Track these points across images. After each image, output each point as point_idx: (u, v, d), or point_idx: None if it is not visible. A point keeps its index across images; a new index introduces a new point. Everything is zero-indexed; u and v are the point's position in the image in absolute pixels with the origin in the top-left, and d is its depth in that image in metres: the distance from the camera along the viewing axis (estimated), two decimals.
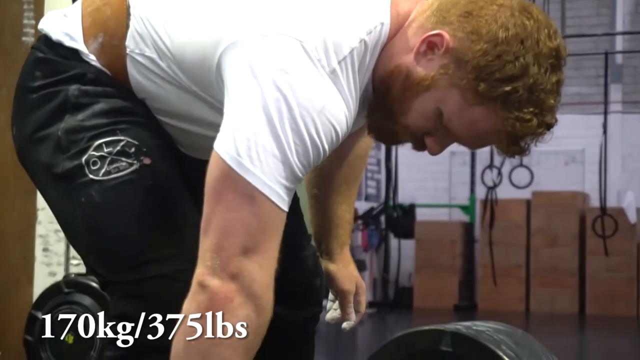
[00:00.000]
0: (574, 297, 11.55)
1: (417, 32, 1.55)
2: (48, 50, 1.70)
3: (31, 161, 1.72)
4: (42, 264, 4.13)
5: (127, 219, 1.60)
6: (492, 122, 1.51)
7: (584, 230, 11.20)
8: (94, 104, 1.64)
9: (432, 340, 2.24)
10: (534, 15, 1.50)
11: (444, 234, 11.77)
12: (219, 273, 1.40)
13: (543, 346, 2.39)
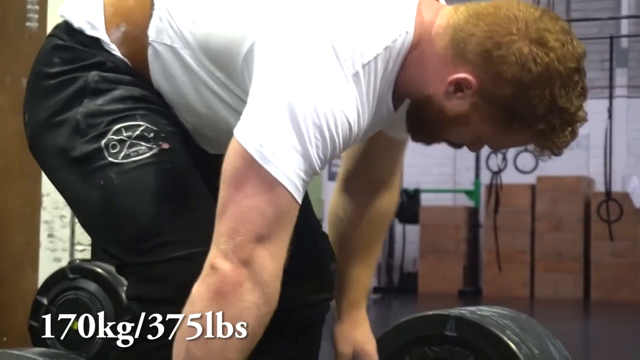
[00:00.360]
0: (578, 282, 11.57)
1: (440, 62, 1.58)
2: (68, 38, 1.71)
3: (45, 146, 1.72)
4: (47, 249, 4.14)
5: (145, 201, 1.62)
6: (529, 141, 1.62)
7: (589, 215, 11.23)
8: (113, 90, 1.66)
9: (437, 325, 2.25)
10: (550, 45, 1.50)
11: (449, 219, 11.78)
12: (231, 257, 1.43)
13: (547, 331, 2.39)
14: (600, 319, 9.59)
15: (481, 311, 2.34)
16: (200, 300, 1.44)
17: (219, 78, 1.63)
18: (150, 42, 1.66)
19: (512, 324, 2.30)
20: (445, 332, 2.24)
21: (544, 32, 1.51)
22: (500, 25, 1.52)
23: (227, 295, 1.43)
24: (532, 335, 2.31)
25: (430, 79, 1.59)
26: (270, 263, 1.46)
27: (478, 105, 1.56)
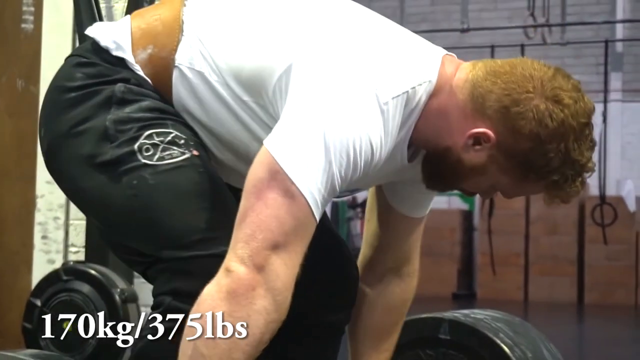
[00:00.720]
0: (573, 285, 11.57)
1: (460, 114, 1.66)
2: (93, 56, 1.75)
3: (65, 156, 1.73)
4: (41, 251, 4.13)
5: (181, 200, 1.65)
6: (542, 190, 1.69)
7: (583, 219, 11.21)
8: (140, 101, 1.70)
9: (430, 328, 2.26)
10: (564, 100, 1.60)
11: (443, 222, 11.76)
12: (247, 262, 1.46)
13: (541, 334, 2.40)
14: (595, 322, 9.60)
15: (475, 314, 2.35)
16: (210, 299, 1.47)
17: (246, 102, 1.67)
18: (176, 65, 1.70)
19: (505, 327, 2.30)
20: (439, 335, 2.24)
21: (559, 91, 1.60)
22: (517, 84, 1.60)
23: (239, 296, 1.46)
24: (526, 338, 2.31)
25: (449, 131, 1.66)
26: (284, 272, 1.49)
27: (496, 158, 1.64)
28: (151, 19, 1.76)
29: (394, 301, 1.99)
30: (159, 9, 1.80)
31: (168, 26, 1.73)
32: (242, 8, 1.74)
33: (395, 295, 1.98)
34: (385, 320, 1.99)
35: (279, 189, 1.48)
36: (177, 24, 1.73)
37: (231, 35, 1.69)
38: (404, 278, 1.99)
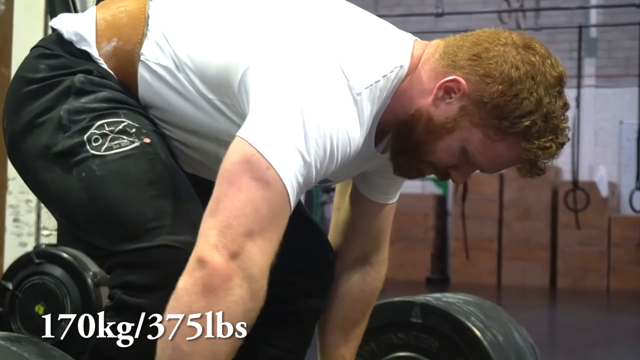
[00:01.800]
0: (545, 270, 11.64)
1: (430, 75, 1.65)
2: (57, 48, 1.74)
3: (26, 149, 1.72)
4: (13, 234, 4.12)
5: (129, 190, 1.62)
6: (515, 153, 1.62)
7: (556, 204, 11.28)
8: (98, 92, 1.68)
9: (402, 311, 2.27)
10: (537, 50, 1.62)
11: (417, 207, 11.80)
12: (221, 250, 1.43)
13: (512, 318, 2.42)
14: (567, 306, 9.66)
15: (447, 298, 2.37)
16: (187, 294, 1.43)
17: (210, 99, 1.65)
18: (142, 60, 1.69)
19: (477, 310, 2.32)
20: (411, 319, 2.26)
21: (530, 41, 1.63)
22: (489, 37, 1.63)
23: (216, 289, 1.42)
24: (497, 322, 2.33)
25: (420, 93, 1.65)
26: (260, 259, 1.45)
27: (467, 109, 1.61)
28: (117, 11, 1.75)
29: (363, 290, 1.98)
30: (124, 1, 1.77)
31: (133, 18, 1.72)
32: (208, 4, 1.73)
33: (364, 283, 1.98)
34: (354, 309, 1.99)
35: (254, 174, 1.45)
36: (142, 17, 1.71)
37: (197, 32, 1.68)
38: (374, 266, 1.99)
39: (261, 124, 1.48)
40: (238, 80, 1.58)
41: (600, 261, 11.33)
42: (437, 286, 10.78)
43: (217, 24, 1.68)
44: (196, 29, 1.68)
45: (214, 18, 1.69)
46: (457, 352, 2.23)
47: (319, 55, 1.56)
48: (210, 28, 1.68)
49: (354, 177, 1.91)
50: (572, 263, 11.43)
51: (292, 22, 1.64)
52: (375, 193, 1.92)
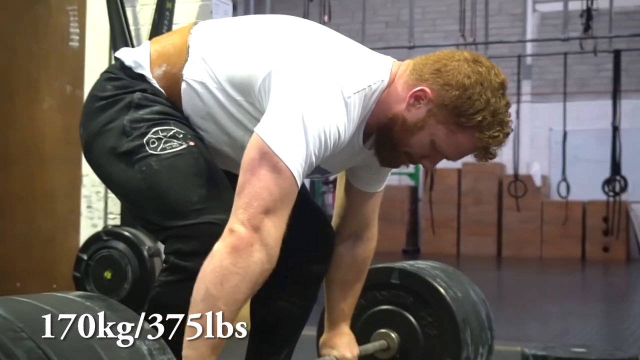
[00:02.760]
0: (494, 243, 11.65)
1: (404, 87, 1.66)
2: (120, 72, 1.76)
3: (97, 149, 1.74)
4: (86, 218, 4.12)
5: (179, 180, 1.65)
6: (472, 142, 1.63)
7: (501, 192, 11.28)
8: (152, 106, 1.70)
9: (384, 275, 2.27)
10: (483, 63, 1.64)
11: (395, 195, 11.77)
12: (246, 224, 1.48)
13: (468, 279, 2.42)
14: (510, 270, 9.66)
15: (418, 264, 2.36)
16: (219, 253, 1.48)
17: (237, 100, 1.67)
18: (184, 79, 1.70)
19: (442, 274, 2.32)
20: (391, 280, 2.26)
21: (478, 56, 1.66)
22: (446, 55, 1.65)
23: (240, 252, 1.47)
24: (457, 282, 2.33)
25: (396, 102, 1.66)
26: (275, 231, 1.50)
27: (432, 111, 1.62)
28: (165, 43, 1.77)
29: (356, 258, 1.97)
30: (172, 36, 1.82)
31: (178, 48, 1.73)
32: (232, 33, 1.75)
33: (357, 253, 1.96)
34: (351, 274, 1.97)
35: (268, 166, 1.50)
36: (185, 47, 1.72)
37: (225, 53, 1.69)
38: (365, 240, 1.97)
39: (273, 124, 1.52)
40: (258, 85, 1.61)
41: (535, 235, 11.34)
42: (411, 255, 10.78)
43: (240, 47, 1.70)
44: (226, 51, 1.70)
45: (238, 42, 1.71)
46: (426, 305, 2.22)
47: (319, 69, 1.59)
48: (235, 49, 1.69)
49: (347, 173, 1.91)
50: (514, 237, 11.44)
51: (299, 43, 1.66)
52: (363, 184, 1.91)
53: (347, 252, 1.96)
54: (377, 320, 2.25)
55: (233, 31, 1.76)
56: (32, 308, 1.15)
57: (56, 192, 4.22)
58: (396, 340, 2.22)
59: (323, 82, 1.57)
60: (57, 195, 4.22)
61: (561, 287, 7.69)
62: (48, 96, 4.27)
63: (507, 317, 4.80)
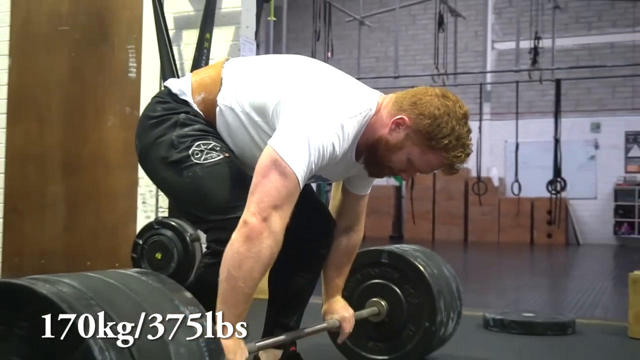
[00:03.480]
0: (461, 230, 11.67)
1: (387, 115, 1.66)
2: (167, 97, 1.77)
3: (150, 158, 1.74)
4: (141, 211, 4.12)
5: (218, 184, 1.65)
6: (440, 160, 1.64)
7: (467, 191, 11.31)
8: (194, 124, 1.71)
9: (376, 255, 2.27)
10: (450, 98, 1.64)
11: (383, 193, 11.81)
12: (257, 216, 1.47)
13: (442, 259, 2.41)
14: (474, 253, 9.64)
15: (403, 248, 2.36)
16: (236, 242, 1.47)
17: (256, 122, 1.67)
18: (218, 104, 1.71)
19: (421, 255, 2.31)
20: (381, 260, 2.26)
21: (446, 92, 1.65)
22: (421, 91, 1.65)
23: (253, 239, 1.46)
24: (433, 262, 2.33)
25: (381, 126, 1.65)
26: (280, 222, 1.49)
27: (409, 135, 1.62)
28: (204, 76, 1.77)
29: (349, 246, 1.96)
30: (209, 69, 1.81)
31: (213, 80, 1.74)
32: (254, 69, 1.75)
33: (350, 242, 1.96)
34: (344, 258, 1.97)
35: (278, 171, 1.49)
36: (219, 79, 1.73)
37: (248, 84, 1.70)
38: (356, 232, 1.96)
39: (282, 139, 1.52)
40: (272, 110, 1.62)
41: (493, 225, 11.37)
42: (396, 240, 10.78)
43: (259, 80, 1.70)
44: (248, 83, 1.70)
45: (258, 76, 1.71)
46: (409, 279, 2.22)
47: (320, 99, 1.59)
48: (256, 82, 1.70)
49: (344, 181, 1.91)
50: (477, 226, 11.46)
51: (303, 78, 1.66)
52: (356, 189, 1.91)
53: (342, 241, 1.94)
54: (370, 291, 2.24)
55: (254, 67, 1.76)
56: (99, 281, 1.15)
57: (118, 192, 4.23)
58: (385, 307, 2.22)
59: (323, 108, 1.57)
60: (118, 194, 4.23)
61: (514, 265, 7.67)
62: (112, 116, 4.28)
63: (472, 289, 4.79)
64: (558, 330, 3.01)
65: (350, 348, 2.27)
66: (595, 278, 5.97)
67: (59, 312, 1.00)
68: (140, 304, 1.12)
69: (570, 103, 11.04)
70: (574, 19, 11.62)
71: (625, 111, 11.40)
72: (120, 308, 1.08)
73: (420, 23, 12.26)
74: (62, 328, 1.00)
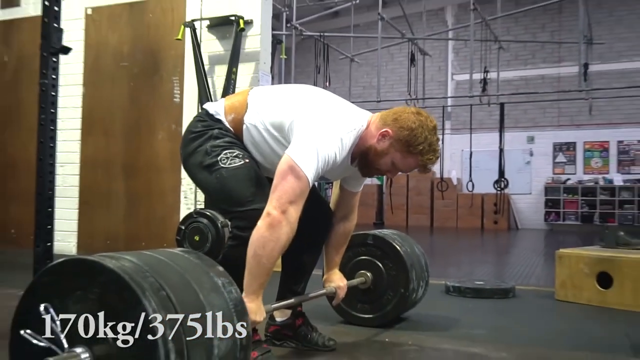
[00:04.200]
0: (428, 219, 11.63)
1: (375, 129, 1.65)
2: (205, 117, 1.76)
3: (191, 163, 1.73)
4: (184, 204, 4.12)
5: (239, 183, 1.63)
6: (416, 162, 1.64)
7: (433, 188, 11.27)
8: (225, 137, 1.70)
9: (363, 238, 2.26)
10: (423, 114, 1.64)
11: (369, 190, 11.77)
12: (277, 209, 1.46)
13: (414, 240, 2.41)
14: (439, 236, 9.61)
15: (384, 232, 2.36)
16: (261, 228, 1.47)
17: (275, 136, 1.66)
18: (244, 123, 1.70)
19: (398, 237, 2.31)
20: (367, 241, 2.26)
21: (420, 111, 1.64)
22: (401, 110, 1.64)
23: (274, 226, 1.46)
24: (407, 242, 2.32)
25: (371, 138, 1.65)
26: (295, 214, 1.49)
27: (392, 144, 1.62)
28: (234, 100, 1.76)
29: (345, 230, 1.94)
30: (237, 95, 1.79)
31: (241, 104, 1.72)
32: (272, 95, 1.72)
33: (345, 228, 1.94)
34: (341, 240, 1.95)
35: (294, 174, 1.48)
36: (245, 103, 1.72)
37: (268, 107, 1.68)
38: (350, 220, 1.94)
39: (298, 149, 1.51)
40: (287, 127, 1.61)
41: (453, 214, 11.33)
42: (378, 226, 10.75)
43: (277, 104, 1.68)
44: (268, 106, 1.69)
45: (275, 101, 1.69)
46: (388, 256, 2.21)
47: (325, 118, 1.58)
48: (274, 105, 1.68)
49: (341, 180, 1.90)
50: (440, 215, 11.42)
51: (311, 102, 1.64)
52: (350, 187, 1.90)
53: (339, 227, 1.93)
54: (358, 265, 2.24)
55: (273, 94, 1.74)
56: (152, 258, 1.15)
57: (165, 189, 4.23)
58: (370, 277, 2.22)
59: (327, 125, 1.56)
60: (166, 191, 4.23)
61: (469, 245, 7.65)
62: (161, 132, 4.27)
63: (436, 264, 4.79)
64: (502, 295, 3.01)
65: (343, 308, 2.27)
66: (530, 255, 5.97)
67: (122, 280, 1.01)
68: (184, 275, 1.13)
69: (511, 121, 11.01)
70: (514, 56, 11.61)
71: (553, 127, 11.41)
72: (168, 278, 1.08)
73: (397, 60, 12.24)
74: (126, 292, 1.00)
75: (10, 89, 4.74)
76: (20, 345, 1.05)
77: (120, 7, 4.41)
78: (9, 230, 4.67)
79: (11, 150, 4.72)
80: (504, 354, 1.89)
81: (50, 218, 2.29)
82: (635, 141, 10.91)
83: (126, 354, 0.99)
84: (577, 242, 7.61)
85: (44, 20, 2.29)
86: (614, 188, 10.81)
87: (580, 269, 2.85)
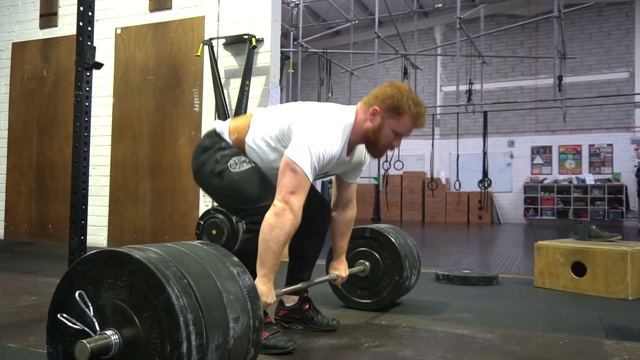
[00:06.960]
0: (420, 214, 11.58)
1: (363, 113, 1.64)
2: (213, 134, 1.75)
3: (202, 172, 1.72)
4: (203, 202, 4.12)
5: (249, 185, 1.63)
6: (410, 118, 1.60)
7: (424, 187, 11.23)
8: (231, 148, 1.70)
9: (361, 231, 2.25)
10: (395, 83, 1.62)
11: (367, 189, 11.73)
12: (281, 200, 1.48)
13: (407, 233, 2.40)
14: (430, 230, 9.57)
15: (380, 226, 2.35)
16: (269, 217, 1.48)
17: (275, 147, 1.65)
18: (246, 143, 1.70)
19: (393, 231, 2.29)
20: (366, 235, 2.24)
21: (392, 82, 1.63)
22: (376, 89, 1.63)
23: (279, 214, 1.46)
24: (401, 235, 2.31)
25: (363, 123, 1.64)
26: (297, 203, 1.48)
27: (383, 115, 1.61)
28: (238, 123, 1.75)
29: (346, 218, 1.93)
30: (242, 118, 1.78)
31: (244, 126, 1.72)
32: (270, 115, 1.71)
33: (346, 215, 1.92)
34: (344, 227, 1.94)
35: (290, 169, 1.49)
36: (247, 126, 1.72)
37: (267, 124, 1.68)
38: (350, 209, 1.92)
39: (293, 149, 1.51)
40: (285, 132, 1.61)
41: (442, 210, 11.28)
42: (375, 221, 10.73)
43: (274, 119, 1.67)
44: (267, 123, 1.68)
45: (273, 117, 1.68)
46: (384, 247, 2.21)
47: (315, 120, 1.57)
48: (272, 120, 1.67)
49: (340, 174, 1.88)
50: (431, 211, 11.37)
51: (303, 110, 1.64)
52: (348, 179, 1.87)
53: (341, 215, 1.92)
54: (358, 255, 2.23)
55: (270, 113, 1.73)
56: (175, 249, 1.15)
57: (187, 188, 4.23)
58: (368, 266, 2.21)
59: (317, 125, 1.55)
60: (187, 189, 4.23)
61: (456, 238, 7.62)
62: (182, 137, 4.28)
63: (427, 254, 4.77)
64: (486, 282, 2.99)
65: (344, 294, 2.26)
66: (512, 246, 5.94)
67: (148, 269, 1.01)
68: (203, 264, 1.12)
69: (493, 127, 10.97)
70: (496, 70, 11.56)
71: (531, 132, 11.36)
72: (189, 267, 1.08)
73: (392, 73, 12.20)
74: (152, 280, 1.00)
75: (50, 100, 4.78)
76: (56, 328, 1.05)
77: (146, 27, 4.42)
78: (47, 225, 4.69)
79: (50, 154, 4.75)
80: (488, 335, 1.88)
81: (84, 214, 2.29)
82: (605, 144, 10.88)
83: (151, 335, 0.99)
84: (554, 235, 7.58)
85: (79, 39, 2.31)
86: (586, 187, 10.77)
87: (556, 259, 2.83)
